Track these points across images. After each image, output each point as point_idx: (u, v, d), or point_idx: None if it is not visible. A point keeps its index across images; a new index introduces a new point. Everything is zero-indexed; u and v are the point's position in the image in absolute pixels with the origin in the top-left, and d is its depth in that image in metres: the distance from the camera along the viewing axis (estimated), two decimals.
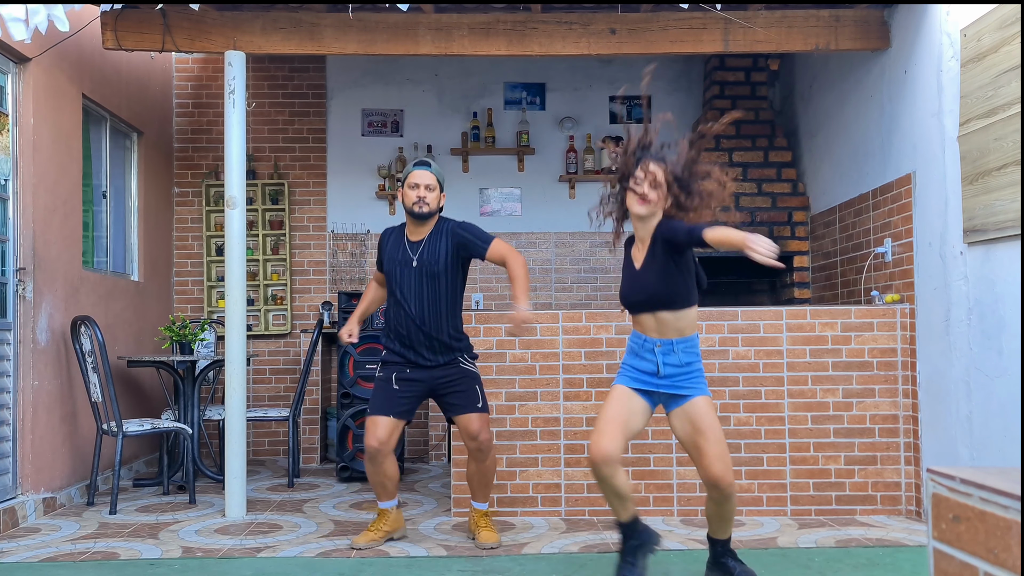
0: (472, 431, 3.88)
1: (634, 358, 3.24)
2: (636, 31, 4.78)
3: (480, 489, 4.06)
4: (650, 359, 3.19)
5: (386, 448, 3.86)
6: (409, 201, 3.87)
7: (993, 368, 3.78)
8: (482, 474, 4.01)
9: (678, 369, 3.18)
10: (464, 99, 6.97)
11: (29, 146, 4.57)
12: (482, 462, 3.97)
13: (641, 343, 3.22)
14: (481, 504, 4.07)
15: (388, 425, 3.86)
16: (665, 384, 3.18)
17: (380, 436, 3.84)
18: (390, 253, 3.96)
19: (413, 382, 3.91)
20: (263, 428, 6.70)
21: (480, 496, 4.07)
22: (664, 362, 3.17)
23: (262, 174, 6.89)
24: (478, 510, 4.08)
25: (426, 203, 3.85)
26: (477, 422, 3.89)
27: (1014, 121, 3.56)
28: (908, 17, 4.57)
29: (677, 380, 3.18)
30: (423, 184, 3.86)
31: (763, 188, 6.12)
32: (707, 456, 3.12)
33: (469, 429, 3.89)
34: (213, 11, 4.73)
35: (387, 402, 3.89)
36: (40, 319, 4.65)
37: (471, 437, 3.90)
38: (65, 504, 4.84)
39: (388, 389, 3.91)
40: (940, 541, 1.21)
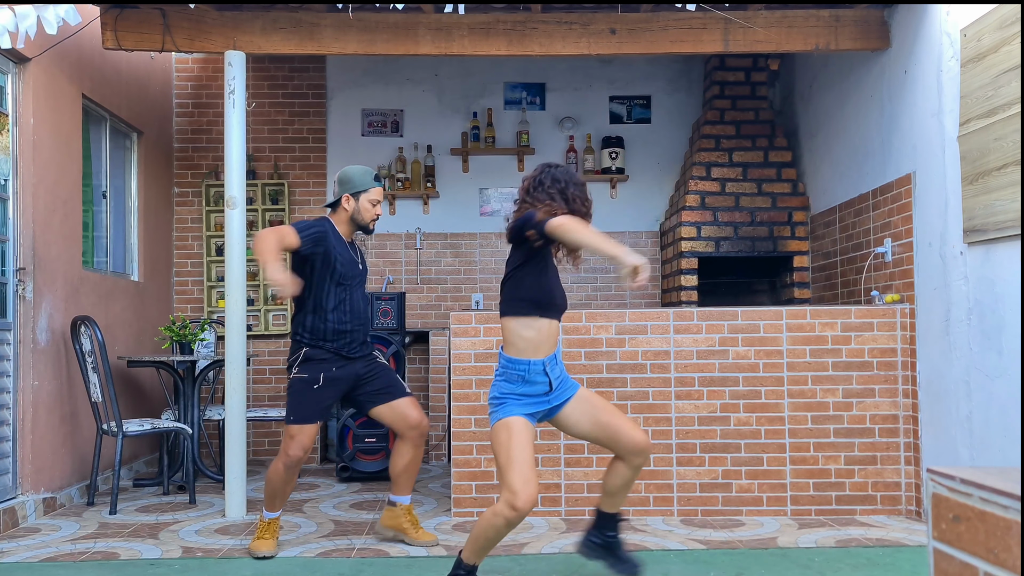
0: (413, 418, 3.89)
1: (523, 385, 3.02)
2: (636, 31, 4.78)
3: (410, 482, 4.01)
4: (541, 380, 3.04)
5: (307, 455, 3.83)
6: (367, 217, 3.93)
7: (993, 368, 3.78)
8: (417, 463, 3.99)
9: (560, 377, 3.10)
10: (464, 99, 6.97)
11: (29, 146, 4.57)
12: (420, 448, 3.96)
13: (527, 367, 3.00)
14: (407, 499, 4.02)
15: (314, 433, 3.81)
16: (555, 395, 3.08)
17: (306, 445, 3.78)
18: (340, 252, 3.85)
19: (338, 380, 3.84)
20: (263, 428, 6.70)
21: (409, 490, 4.02)
22: (554, 377, 3.06)
23: (262, 174, 6.89)
24: (406, 506, 4.01)
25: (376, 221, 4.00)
26: (415, 407, 3.92)
27: (1014, 121, 3.56)
28: (908, 17, 4.57)
29: (561, 387, 3.11)
30: (379, 201, 3.97)
31: (763, 188, 6.12)
32: (626, 426, 3.12)
33: (409, 415, 3.90)
34: (213, 11, 4.73)
35: (315, 407, 3.81)
36: (40, 319, 4.65)
37: (412, 426, 3.90)
38: (65, 504, 4.84)
39: (316, 394, 3.79)
40: (940, 541, 1.21)
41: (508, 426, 2.98)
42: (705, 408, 4.58)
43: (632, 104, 6.97)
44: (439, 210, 6.93)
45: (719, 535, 4.12)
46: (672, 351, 4.58)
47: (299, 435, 3.77)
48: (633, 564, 3.27)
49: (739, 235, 6.06)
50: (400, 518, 4.01)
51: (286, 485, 3.84)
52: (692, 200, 6.09)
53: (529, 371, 3.01)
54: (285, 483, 3.83)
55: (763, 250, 6.08)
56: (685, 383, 4.58)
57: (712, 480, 4.55)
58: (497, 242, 6.91)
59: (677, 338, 4.60)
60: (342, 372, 3.85)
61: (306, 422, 3.78)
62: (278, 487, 3.84)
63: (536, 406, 3.06)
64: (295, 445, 3.76)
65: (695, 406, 4.58)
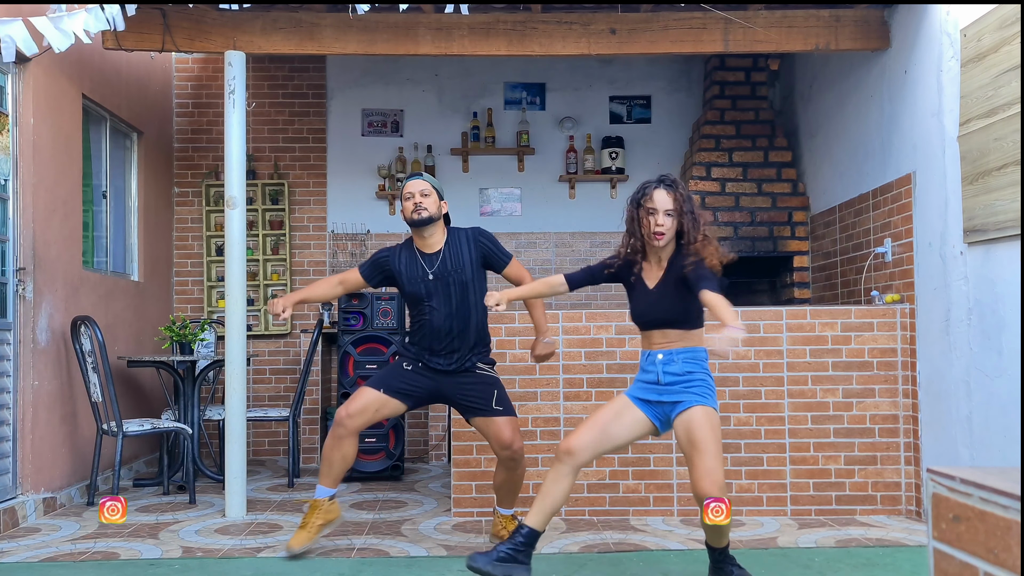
0: (504, 439, 3.69)
1: (640, 373, 3.30)
2: (636, 31, 4.78)
3: (509, 496, 3.91)
4: (651, 370, 3.22)
5: (351, 424, 3.70)
6: (408, 212, 3.78)
7: (993, 368, 3.78)
8: (513, 482, 3.85)
9: (678, 378, 3.19)
10: (464, 99, 6.97)
11: (29, 146, 4.57)
12: (514, 471, 3.79)
13: (645, 357, 3.28)
14: (508, 511, 3.94)
15: (369, 399, 3.71)
16: (666, 391, 3.19)
17: (353, 407, 3.69)
18: (407, 273, 3.80)
19: (425, 375, 3.79)
20: (263, 428, 6.70)
21: (508, 503, 3.93)
22: (664, 371, 3.19)
23: (262, 174, 6.89)
24: (505, 516, 3.93)
25: (424, 208, 3.74)
26: (507, 429, 3.70)
27: (1014, 121, 3.56)
28: (908, 17, 4.57)
29: (676, 387, 3.18)
30: (417, 191, 3.77)
31: (763, 188, 6.12)
32: (696, 470, 3.08)
33: (500, 437, 3.70)
34: (213, 11, 4.73)
35: (386, 377, 3.78)
36: (40, 319, 4.65)
37: (503, 446, 3.70)
38: (65, 504, 4.84)
39: (396, 367, 3.82)
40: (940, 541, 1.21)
41: (615, 397, 3.36)
42: None
43: (632, 104, 6.97)
44: None
45: None
46: None
47: (354, 396, 3.75)
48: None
49: (739, 235, 6.06)
50: (497, 525, 3.97)
51: (331, 450, 3.74)
52: None
53: (645, 360, 3.28)
54: (331, 448, 3.75)
55: (763, 250, 6.08)
56: None
57: None
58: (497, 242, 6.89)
59: None
60: (428, 373, 3.79)
61: (368, 384, 3.76)
62: (326, 453, 3.79)
63: (647, 392, 3.23)
64: (344, 404, 3.75)
65: None
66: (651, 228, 3.17)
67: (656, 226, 3.16)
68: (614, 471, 4.55)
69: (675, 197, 3.18)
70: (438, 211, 3.81)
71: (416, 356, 3.82)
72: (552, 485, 3.20)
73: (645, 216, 3.20)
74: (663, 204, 3.17)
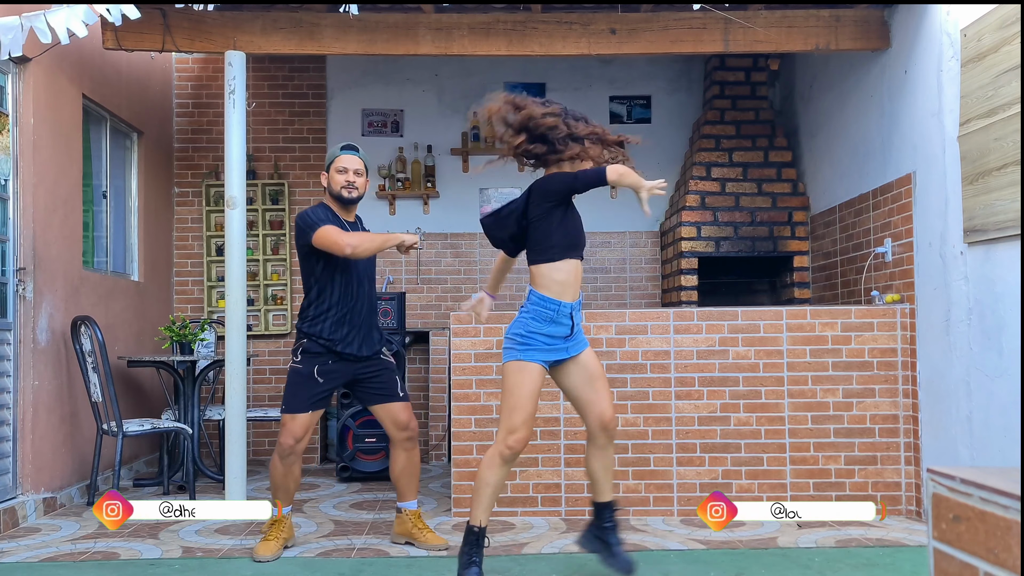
0: (402, 421, 3.86)
1: (549, 325, 3.18)
2: (636, 31, 4.78)
3: (412, 486, 3.96)
4: (565, 323, 3.21)
5: (300, 447, 3.78)
6: (337, 186, 3.80)
7: (993, 368, 3.78)
8: (413, 467, 3.94)
9: (578, 326, 3.27)
10: (464, 99, 6.96)
11: (29, 146, 4.57)
12: (413, 451, 3.91)
13: (557, 308, 3.18)
14: (413, 504, 3.96)
15: (306, 422, 3.78)
16: (572, 342, 3.24)
17: (297, 434, 3.75)
18: None
19: (332, 374, 3.81)
20: (263, 428, 6.70)
21: (412, 495, 3.97)
22: (576, 320, 3.24)
23: (262, 174, 6.89)
24: (412, 512, 3.95)
25: (355, 187, 3.82)
26: (405, 411, 3.87)
27: (1014, 121, 3.56)
28: (908, 17, 4.57)
29: (578, 335, 3.27)
30: (352, 169, 3.80)
31: (763, 188, 6.12)
32: (603, 398, 3.23)
33: (399, 419, 3.86)
34: (213, 11, 4.73)
35: (307, 397, 3.78)
36: (40, 319, 4.65)
37: (401, 428, 3.87)
38: (65, 504, 4.84)
39: (309, 383, 3.77)
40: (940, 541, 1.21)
41: (526, 370, 3.17)
42: (705, 408, 4.58)
43: (632, 104, 6.97)
44: (439, 210, 6.93)
45: (719, 535, 4.11)
46: (672, 351, 4.58)
47: (290, 424, 3.76)
48: (625, 561, 3.28)
49: (739, 235, 6.06)
50: (407, 523, 3.96)
51: (285, 478, 3.81)
52: (692, 200, 6.09)
53: (559, 312, 3.18)
54: (283, 475, 3.81)
55: (763, 250, 6.08)
56: (685, 383, 4.58)
57: (712, 480, 4.55)
58: None
59: (677, 338, 4.60)
60: (338, 366, 3.82)
61: (296, 411, 3.77)
62: (277, 480, 3.84)
63: (555, 353, 3.22)
64: (285, 433, 3.76)
65: (695, 406, 4.58)
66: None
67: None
68: (614, 471, 4.54)
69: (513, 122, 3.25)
70: (364, 191, 3.92)
71: (327, 347, 3.77)
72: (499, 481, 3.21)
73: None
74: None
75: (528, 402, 3.16)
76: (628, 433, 4.55)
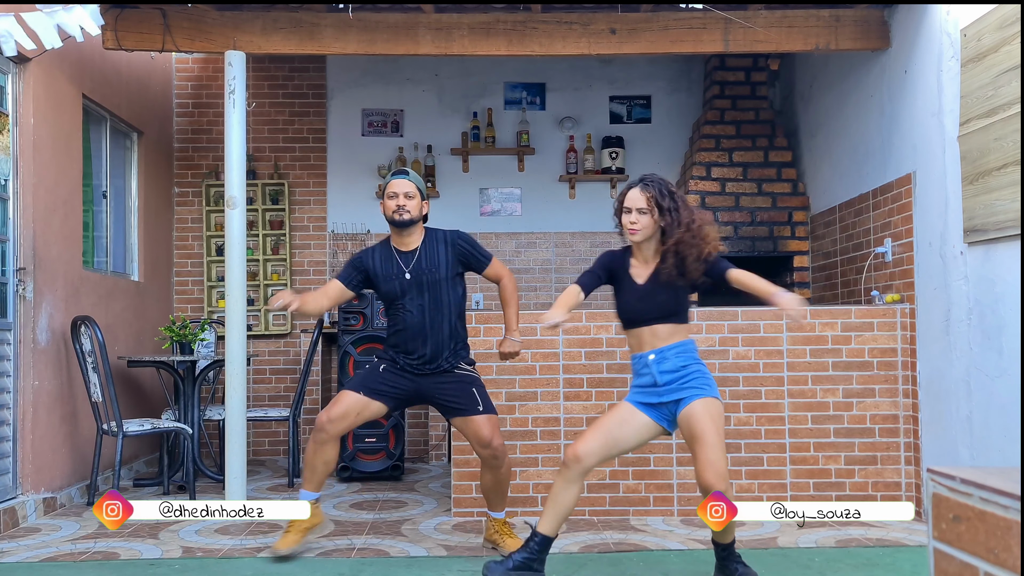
0: (483, 437, 3.67)
1: (636, 377, 3.32)
2: (636, 31, 4.78)
3: (497, 499, 3.86)
4: (646, 372, 3.25)
5: (332, 428, 3.67)
6: (389, 211, 3.77)
7: (993, 368, 3.78)
8: (499, 483, 3.81)
9: (674, 375, 3.21)
10: (464, 99, 6.97)
11: (29, 146, 4.57)
12: (498, 469, 3.74)
13: (637, 360, 3.30)
14: (499, 513, 3.89)
15: (350, 403, 3.69)
16: (666, 391, 3.22)
17: (334, 412, 3.68)
18: (382, 271, 3.79)
19: (402, 375, 3.76)
20: (263, 428, 6.70)
21: (498, 506, 3.87)
22: (659, 371, 3.21)
23: (262, 174, 6.89)
24: (496, 519, 3.89)
25: (407, 211, 3.74)
26: (487, 427, 3.68)
27: (1014, 121, 3.56)
28: (908, 17, 4.57)
29: (674, 385, 3.21)
30: (402, 192, 3.75)
31: (763, 188, 6.12)
32: (698, 461, 3.14)
33: (479, 435, 3.68)
34: (213, 11, 4.73)
35: (365, 379, 3.76)
36: (40, 319, 4.65)
37: (483, 444, 3.68)
38: (65, 504, 4.84)
39: (373, 369, 3.80)
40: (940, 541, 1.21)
41: (616, 405, 3.38)
42: None
43: (632, 104, 6.97)
44: (439, 210, 6.91)
45: None
46: None
47: (334, 401, 3.75)
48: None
49: (739, 235, 6.06)
50: (490, 529, 3.91)
51: (314, 456, 3.71)
52: (692, 200, 6.09)
53: (637, 363, 3.31)
54: (313, 454, 3.72)
55: (763, 250, 6.08)
56: None
57: None
58: (497, 242, 6.91)
59: None
60: (405, 375, 3.77)
61: (347, 388, 3.77)
62: (308, 459, 3.75)
63: (648, 396, 3.26)
64: (324, 409, 3.73)
65: None
66: (626, 226, 3.31)
67: (630, 224, 3.29)
68: (614, 471, 4.55)
69: (648, 196, 3.27)
70: (419, 213, 3.81)
71: (393, 358, 3.80)
72: (562, 492, 3.23)
73: (622, 215, 3.32)
74: (636, 203, 3.28)
75: (603, 422, 3.28)
76: None
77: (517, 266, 6.89)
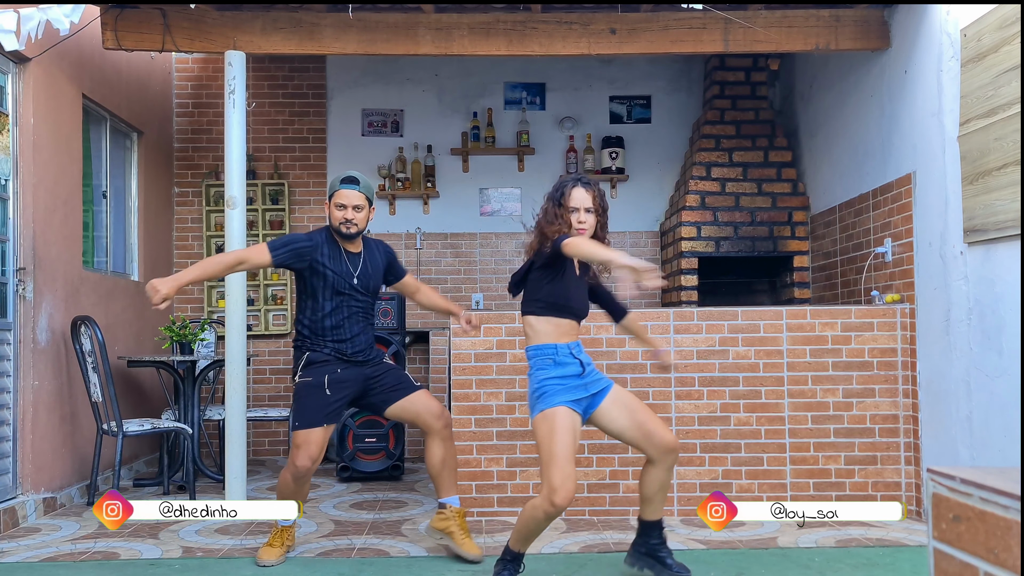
0: (433, 408, 3.75)
1: (556, 368, 3.15)
2: (636, 31, 4.78)
3: (451, 477, 3.81)
4: (570, 363, 3.18)
5: (315, 468, 3.66)
6: (336, 220, 3.74)
7: (993, 368, 3.78)
8: (453, 458, 3.83)
9: (590, 365, 3.25)
10: (464, 99, 6.97)
11: (29, 146, 4.57)
12: (449, 440, 3.79)
13: (555, 351, 3.16)
14: (456, 500, 3.84)
15: (322, 438, 3.64)
16: (590, 379, 3.21)
17: (313, 453, 3.60)
18: (332, 267, 3.74)
19: (344, 383, 3.71)
20: (263, 428, 6.70)
21: (454, 489, 3.83)
22: (583, 358, 3.22)
23: (262, 174, 6.89)
24: (457, 509, 3.79)
25: (354, 224, 3.73)
26: (431, 398, 3.80)
27: (1014, 121, 3.56)
28: (908, 17, 4.57)
29: (594, 372, 3.26)
30: (351, 205, 3.72)
31: (763, 188, 6.12)
32: (659, 427, 3.24)
33: (430, 407, 3.75)
34: (213, 11, 4.73)
35: (321, 412, 3.65)
36: (40, 319, 4.65)
37: (435, 416, 3.74)
38: (65, 504, 4.84)
39: (320, 396, 3.66)
40: (940, 541, 1.21)
41: (549, 418, 3.08)
42: (705, 408, 4.58)
43: (632, 104, 6.97)
44: (439, 210, 6.93)
45: (719, 535, 4.12)
46: (672, 351, 4.57)
47: (305, 443, 3.60)
48: (682, 570, 3.30)
49: (739, 235, 6.06)
50: (449, 520, 3.78)
51: (295, 495, 3.68)
52: (692, 200, 6.09)
53: (557, 352, 3.17)
54: (294, 493, 3.68)
55: (763, 250, 6.08)
56: (685, 383, 4.58)
57: (712, 480, 4.55)
58: (497, 242, 6.91)
59: (677, 338, 4.60)
60: (347, 374, 3.73)
61: (311, 426, 3.62)
62: (287, 496, 3.68)
63: (575, 391, 3.16)
64: (301, 455, 3.59)
65: (695, 406, 4.58)
66: (573, 224, 3.24)
67: (579, 223, 3.24)
68: (614, 471, 4.55)
69: (593, 195, 3.28)
70: (366, 224, 3.82)
71: (334, 354, 3.73)
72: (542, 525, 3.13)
73: (566, 214, 3.25)
74: (583, 202, 3.26)
75: (561, 449, 3.02)
76: None
77: (517, 266, 6.87)
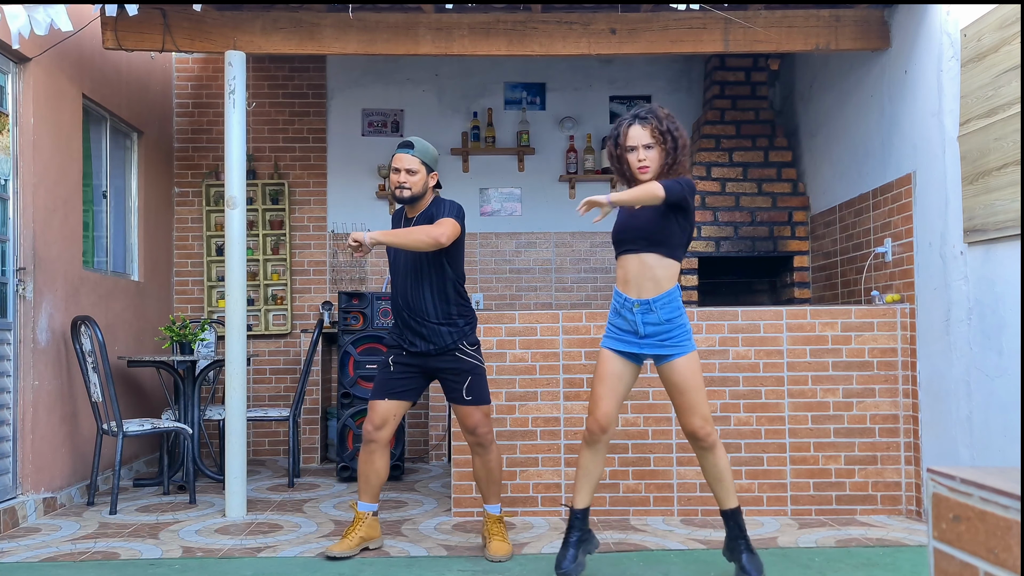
0: (469, 424, 3.80)
1: (616, 316, 3.29)
2: (636, 31, 4.78)
3: (488, 488, 3.90)
4: (629, 319, 3.23)
5: (380, 436, 3.79)
6: (392, 185, 3.80)
7: (993, 368, 3.78)
8: (488, 471, 3.87)
9: (658, 327, 3.22)
10: (464, 99, 6.97)
11: (29, 146, 4.57)
12: (483, 456, 3.85)
13: (622, 301, 3.26)
14: (493, 507, 3.89)
15: (384, 409, 3.80)
16: (647, 345, 3.23)
17: (375, 420, 3.80)
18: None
19: (408, 366, 3.84)
20: (263, 428, 6.70)
21: (491, 497, 3.90)
22: (644, 321, 3.21)
23: (262, 174, 6.89)
24: (491, 515, 3.88)
25: (407, 187, 3.74)
26: (475, 415, 3.78)
27: (1014, 121, 3.56)
28: (908, 17, 4.57)
29: (659, 339, 3.23)
30: (404, 168, 3.74)
31: (763, 188, 6.12)
32: (682, 411, 3.26)
33: (466, 422, 3.82)
34: (213, 11, 4.73)
35: (383, 384, 3.84)
36: (40, 319, 4.65)
37: (468, 431, 3.83)
38: (65, 504, 4.84)
39: (385, 372, 3.87)
40: (940, 541, 1.21)
41: (599, 356, 3.34)
42: None
43: (632, 104, 6.96)
44: None
45: (719, 535, 4.11)
46: None
47: (369, 411, 3.84)
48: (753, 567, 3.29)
49: (739, 235, 6.06)
50: (483, 526, 3.93)
51: (365, 465, 3.83)
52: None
53: (621, 304, 3.25)
54: (364, 463, 3.84)
55: (763, 250, 6.08)
56: None
57: None
58: (497, 242, 6.91)
59: None
60: (411, 359, 3.84)
61: (373, 397, 3.85)
62: (361, 470, 3.86)
63: (626, 345, 3.25)
64: (366, 421, 3.84)
65: None
66: (635, 165, 3.20)
67: (639, 162, 3.20)
68: (614, 471, 4.55)
69: (652, 129, 3.20)
70: (422, 189, 3.77)
71: (397, 341, 3.87)
72: (591, 464, 3.32)
73: (624, 154, 3.21)
74: (640, 139, 3.19)
75: (598, 385, 3.27)
76: (628, 433, 4.55)
77: (517, 266, 6.90)
